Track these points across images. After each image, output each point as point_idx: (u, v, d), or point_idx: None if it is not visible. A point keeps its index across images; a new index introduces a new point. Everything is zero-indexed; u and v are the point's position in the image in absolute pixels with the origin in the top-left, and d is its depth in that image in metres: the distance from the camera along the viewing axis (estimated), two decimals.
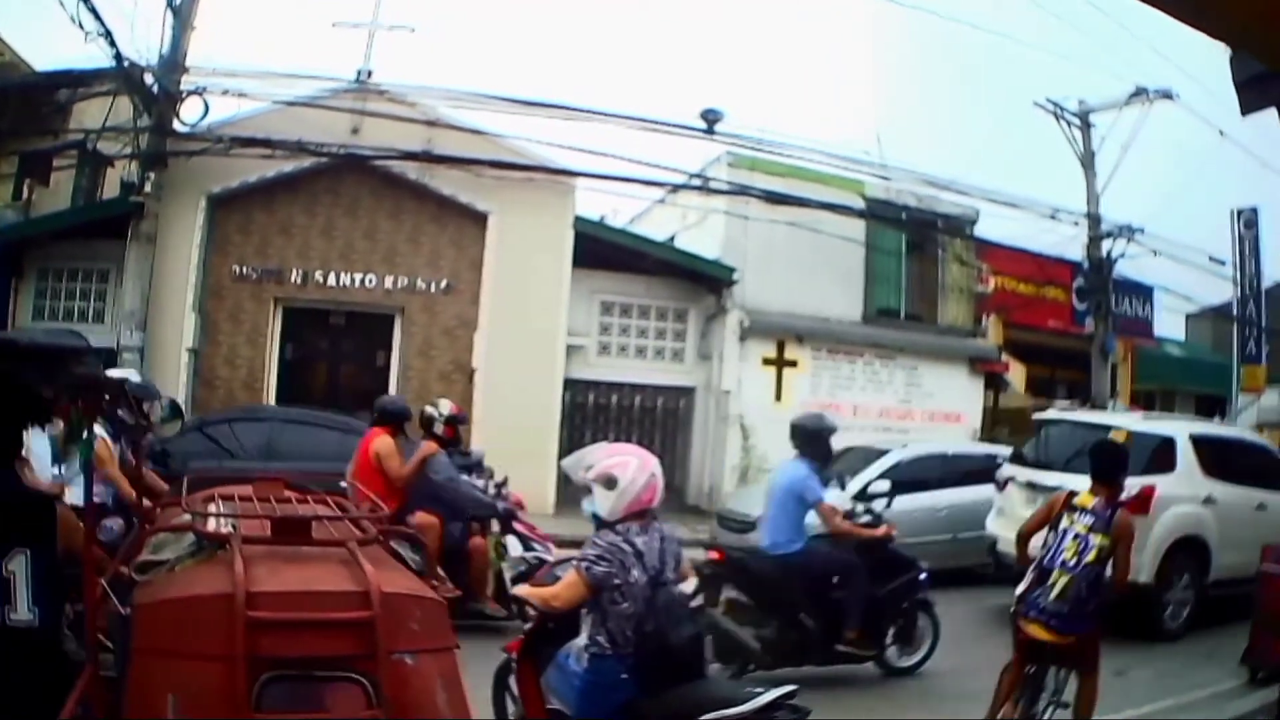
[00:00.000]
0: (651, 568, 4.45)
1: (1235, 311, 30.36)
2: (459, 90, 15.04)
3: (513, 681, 5.11)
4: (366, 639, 2.79)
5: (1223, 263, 27.02)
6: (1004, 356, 22.30)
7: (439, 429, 8.64)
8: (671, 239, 19.79)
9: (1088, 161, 22.07)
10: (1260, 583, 8.62)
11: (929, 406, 19.62)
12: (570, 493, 17.43)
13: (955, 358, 20.74)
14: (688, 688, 4.38)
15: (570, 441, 17.39)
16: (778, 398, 18.68)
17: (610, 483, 4.52)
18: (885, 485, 9.86)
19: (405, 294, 16.13)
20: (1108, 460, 6.21)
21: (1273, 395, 37.04)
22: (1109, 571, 5.79)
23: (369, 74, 15.41)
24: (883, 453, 12.82)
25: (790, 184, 17.69)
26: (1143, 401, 27.99)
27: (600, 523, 4.57)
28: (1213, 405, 31.61)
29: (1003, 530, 10.58)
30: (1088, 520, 5.91)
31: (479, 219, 16.23)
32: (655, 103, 35.40)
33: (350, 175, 15.84)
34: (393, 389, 15.76)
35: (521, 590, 4.81)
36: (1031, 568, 6.05)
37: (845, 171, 18.27)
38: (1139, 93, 21.12)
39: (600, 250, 17.19)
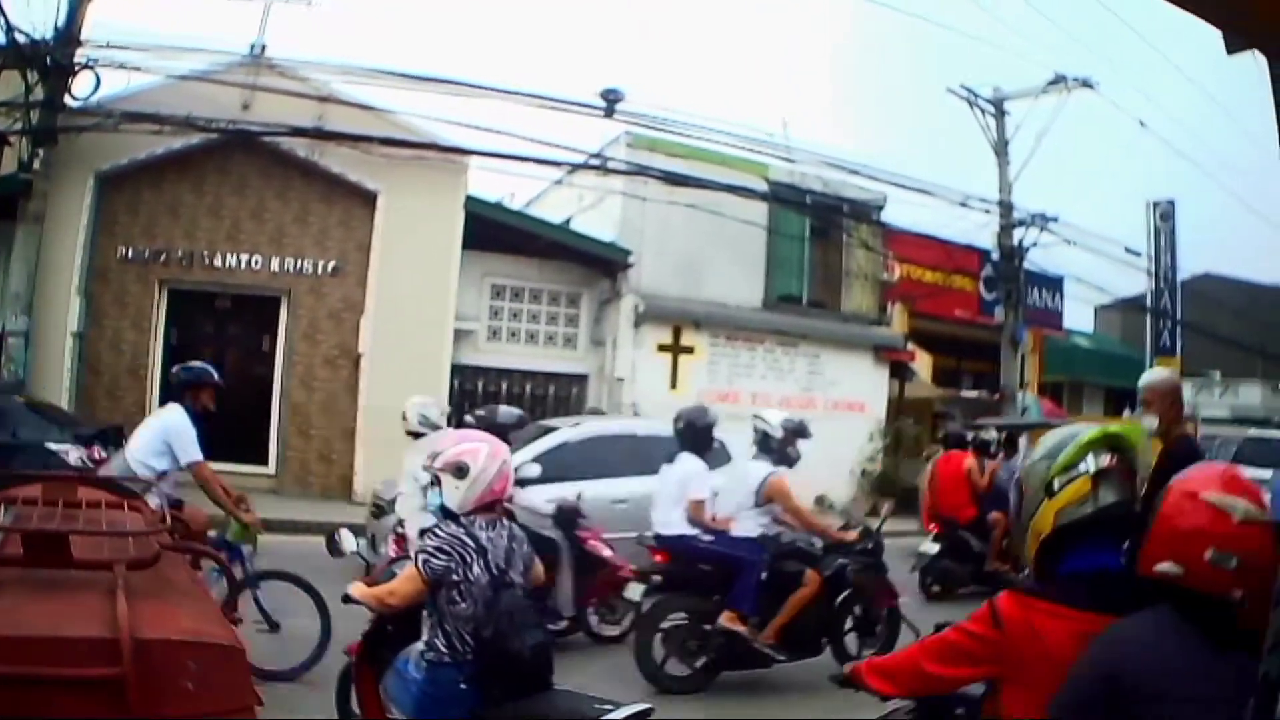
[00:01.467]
0: (495, 566, 4.52)
1: (1149, 303, 32.70)
2: (353, 65, 15.93)
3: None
4: (118, 701, 2.33)
5: (1138, 254, 29.00)
6: (910, 346, 23.91)
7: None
8: (568, 221, 21.00)
9: (1001, 149, 23.76)
10: None
11: (832, 395, 21.15)
12: None
13: (859, 346, 22.30)
14: (533, 700, 4.44)
15: (456, 429, 18.45)
16: (673, 385, 19.94)
17: (460, 471, 4.60)
18: (535, 470, 10.14)
19: (292, 276, 16.99)
20: None
21: (1185, 388, 39.77)
22: None
23: (263, 48, 16.26)
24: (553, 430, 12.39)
25: (691, 165, 18.92)
26: (1050, 393, 30.11)
27: (447, 515, 4.65)
28: (1122, 398, 33.88)
29: None
30: None
31: (368, 198, 17.17)
32: (555, 82, 35.84)
33: (240, 153, 16.63)
34: (277, 375, 16.81)
35: (354, 589, 4.71)
36: None
37: (749, 154, 19.50)
38: (1057, 80, 22.78)
39: (492, 232, 18.32)
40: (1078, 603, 2.59)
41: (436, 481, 4.71)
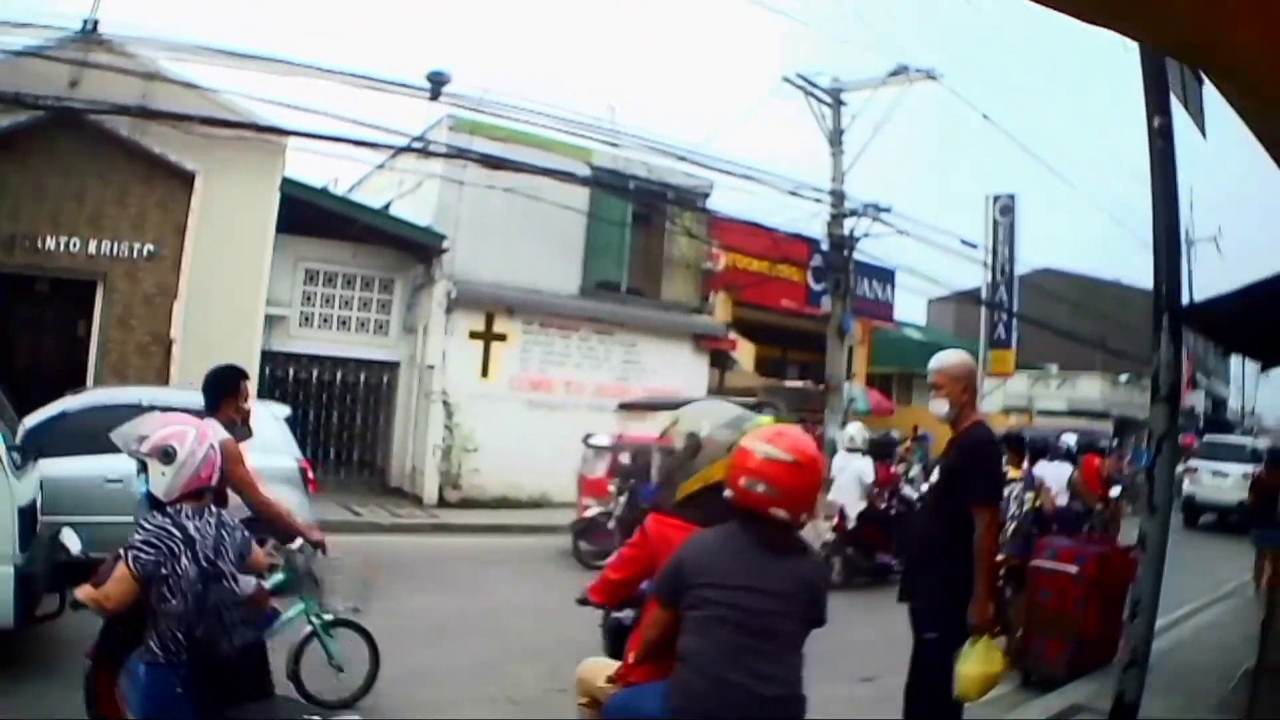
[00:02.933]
0: (204, 558, 4.64)
1: (985, 296, 35.66)
2: (180, 41, 16.95)
3: None
4: None
5: (974, 246, 31.27)
6: (732, 334, 26.11)
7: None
8: (387, 206, 22.72)
9: (835, 139, 26.04)
10: (1031, 579, 10.38)
11: (648, 384, 23.05)
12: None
13: (678, 334, 24.56)
14: (248, 708, 4.69)
15: None
16: (484, 374, 21.86)
17: (167, 456, 4.69)
18: None
19: (109, 260, 17.68)
20: None
21: (1021, 380, 43.14)
22: None
23: (94, 24, 17.14)
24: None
25: (513, 149, 20.59)
26: (879, 384, 32.78)
27: (153, 504, 4.76)
28: None
29: None
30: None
31: (186, 179, 18.02)
32: (382, 64, 37.04)
33: (65, 132, 17.24)
34: (91, 362, 17.83)
35: (80, 591, 4.79)
36: None
37: (574, 138, 21.07)
38: (899, 71, 25.06)
39: (307, 215, 20.04)
40: (709, 520, 4.17)
41: (144, 468, 4.78)
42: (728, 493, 4.07)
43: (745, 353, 27.38)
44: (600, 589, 4.75)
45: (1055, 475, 15.19)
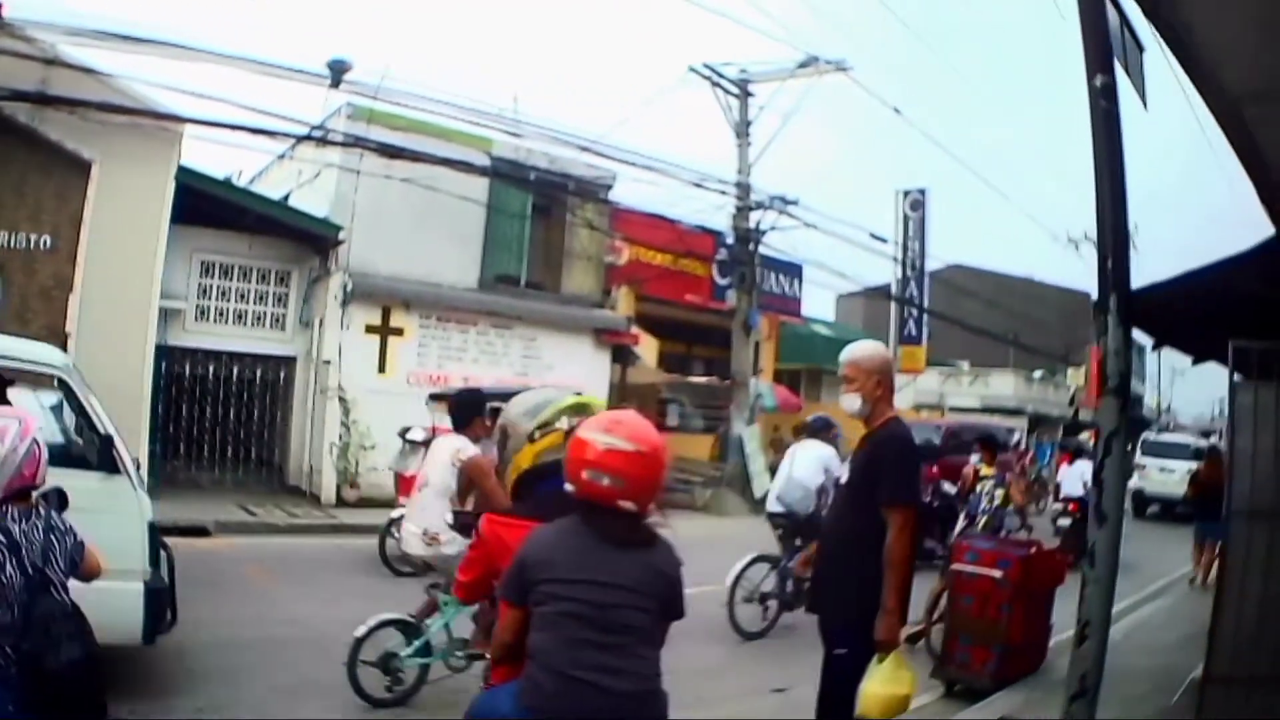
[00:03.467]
0: (31, 564, 4.47)
1: (895, 291, 36.67)
2: (80, 26, 17.02)
3: None
4: None
5: (884, 240, 32.22)
6: (634, 329, 26.70)
7: None
8: (286, 197, 23.22)
9: (742, 130, 26.99)
10: (951, 584, 10.50)
11: (548, 379, 23.16)
12: (169, 472, 20.53)
13: (579, 329, 25.23)
14: None
15: (168, 415, 20.66)
16: (381, 369, 22.36)
17: None
18: None
19: (5, 252, 17.80)
20: None
21: (932, 377, 44.32)
22: None
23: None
24: None
25: (411, 139, 21.04)
26: (787, 380, 33.70)
27: None
28: None
29: None
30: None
31: (83, 168, 18.21)
32: (280, 50, 37.36)
33: None
34: None
35: None
36: None
37: (474, 128, 21.53)
38: (808, 63, 25.91)
39: (203, 205, 20.23)
40: (548, 515, 3.97)
41: None
42: (569, 486, 3.92)
43: (648, 348, 27.96)
44: (458, 589, 4.99)
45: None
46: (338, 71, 19.38)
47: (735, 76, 26.87)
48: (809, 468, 12.73)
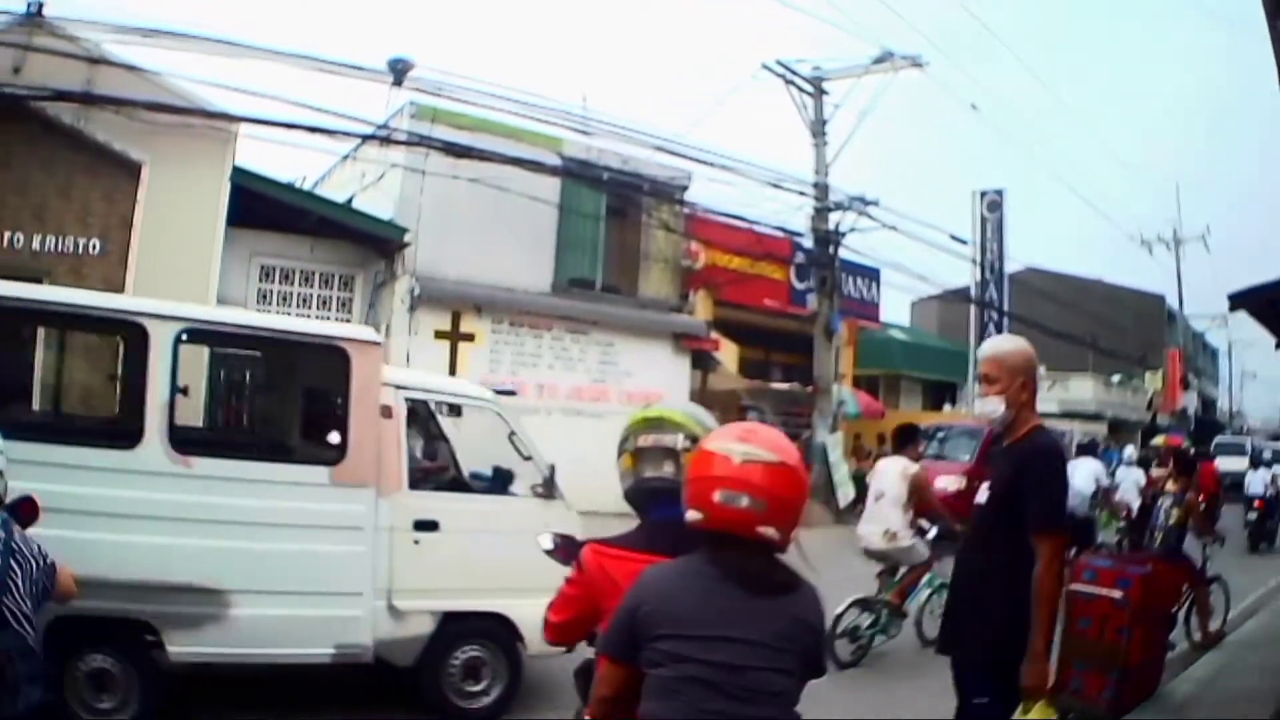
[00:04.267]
0: None
1: (975, 294, 35.14)
2: (125, 23, 16.35)
3: None
4: None
5: (964, 242, 30.72)
6: (714, 334, 25.40)
7: None
8: (350, 201, 21.95)
9: (818, 129, 25.52)
10: (1067, 606, 9.34)
11: (627, 386, 22.41)
12: None
13: (657, 334, 23.85)
14: None
15: (225, 424, 18.89)
16: (452, 375, 20.40)
17: None
18: None
19: (53, 256, 16.95)
20: None
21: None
22: None
23: (40, 6, 16.45)
24: None
25: (478, 138, 19.87)
26: (865, 386, 32.22)
27: None
28: (940, 391, 36.35)
29: None
30: None
31: (132, 170, 17.32)
32: (338, 47, 36.18)
33: (6, 121, 16.55)
34: (38, 364, 16.59)
35: None
36: None
37: (542, 126, 20.32)
38: (883, 59, 24.56)
39: (262, 208, 19.09)
40: (659, 547, 3.32)
41: None
42: (693, 514, 3.11)
43: (728, 354, 26.90)
44: (549, 631, 3.90)
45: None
46: (399, 70, 18.44)
47: (809, 74, 25.47)
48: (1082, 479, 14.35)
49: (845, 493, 24.31)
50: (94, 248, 17.24)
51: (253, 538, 7.41)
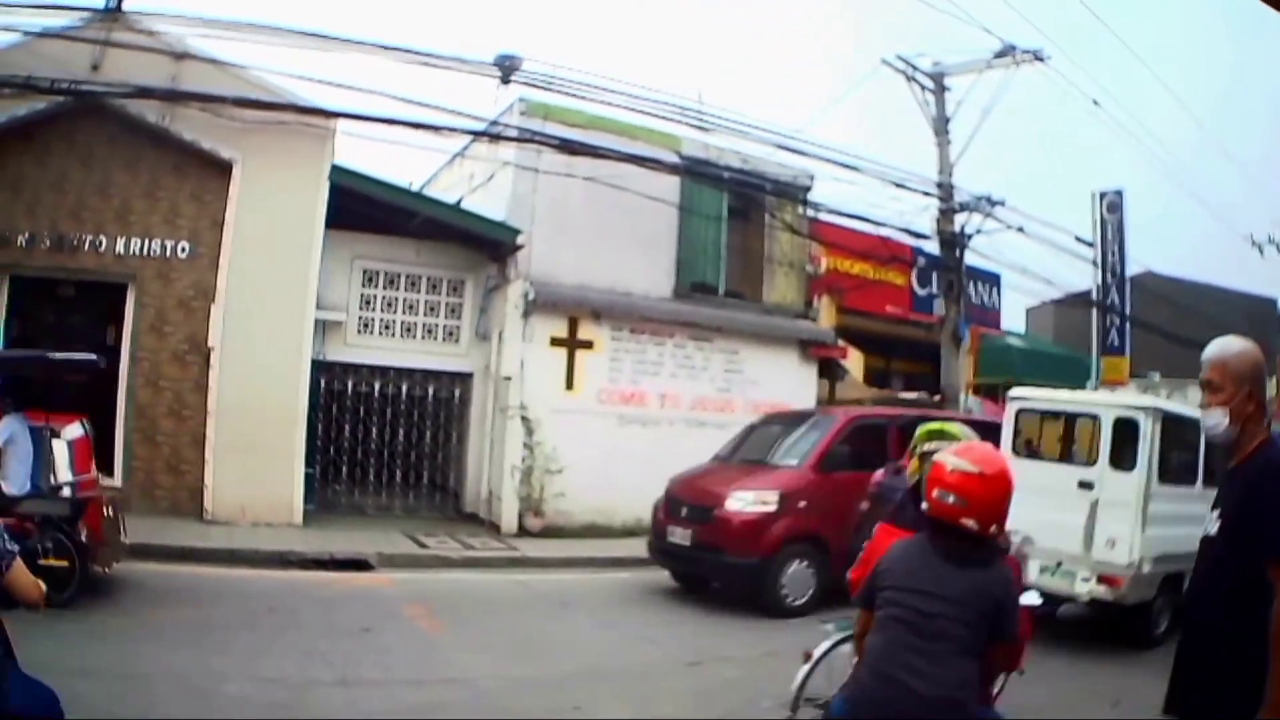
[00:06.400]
0: None
1: (1097, 299, 32.32)
2: (213, 17, 14.85)
3: None
4: None
5: (1089, 244, 28.67)
6: (840, 342, 23.05)
7: None
8: (458, 203, 20.01)
9: (940, 127, 22.86)
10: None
11: (753, 396, 20.02)
12: (329, 498, 18.03)
13: (784, 341, 21.41)
14: None
15: (327, 436, 17.83)
16: (569, 385, 18.88)
17: None
18: None
19: (139, 259, 15.97)
20: None
21: (1130, 390, 39.83)
22: None
23: (119, 1, 15.15)
24: None
25: (592, 136, 17.93)
26: (985, 395, 29.56)
27: None
28: None
29: None
30: None
31: (223, 169, 16.14)
32: (443, 42, 34.71)
33: (88, 120, 15.62)
34: (122, 373, 15.73)
35: None
36: None
37: (657, 122, 18.25)
38: (1005, 52, 21.87)
39: (365, 209, 17.41)
40: (913, 527, 4.84)
41: None
42: (924, 505, 4.28)
43: (854, 362, 24.57)
44: (851, 588, 5.68)
45: None
46: (507, 67, 16.49)
47: (929, 69, 22.64)
48: None
49: None
50: (183, 250, 16.15)
51: None
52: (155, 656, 8.52)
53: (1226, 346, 4.23)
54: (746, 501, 12.83)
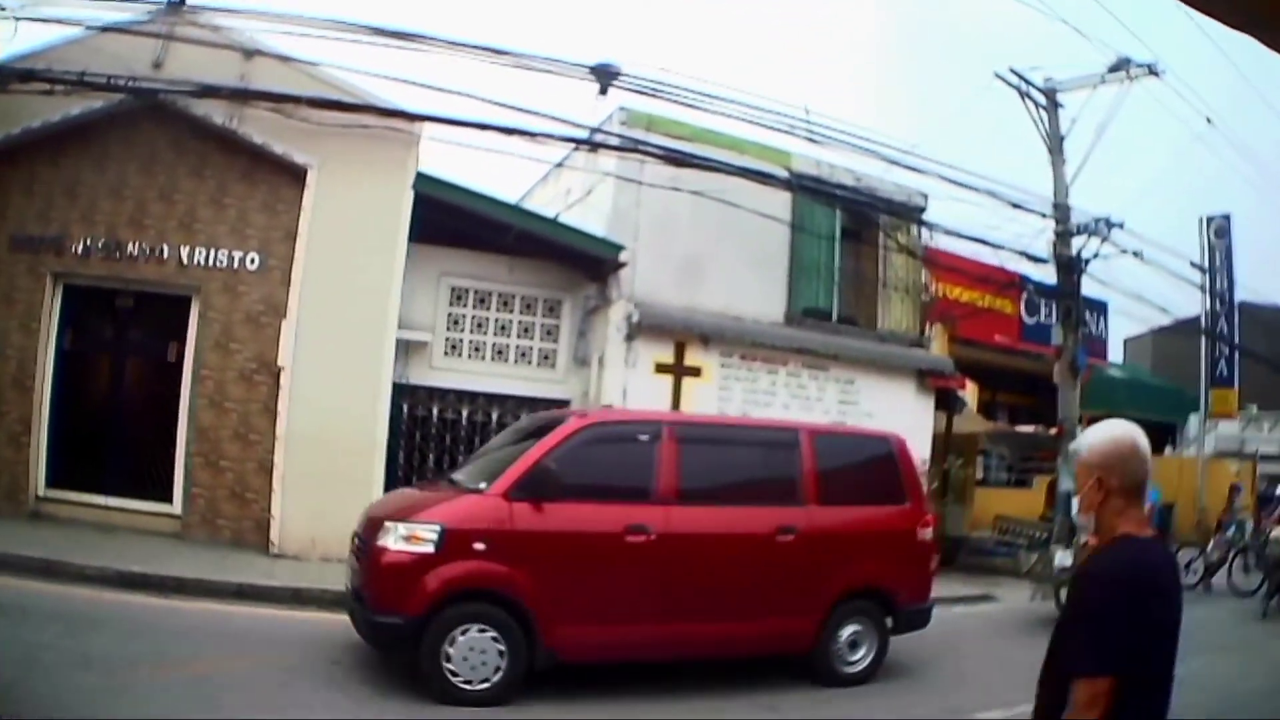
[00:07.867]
0: None
1: (1205, 327, 30.11)
2: (286, 12, 13.72)
3: None
4: None
5: (1203, 269, 26.65)
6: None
7: None
8: (555, 218, 18.32)
9: (1055, 145, 21.03)
10: None
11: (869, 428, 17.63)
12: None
13: (900, 371, 19.65)
14: None
15: (409, 465, 16.13)
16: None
17: None
18: None
19: (204, 270, 14.64)
20: None
21: (1232, 423, 37.50)
22: None
23: None
24: None
25: (698, 149, 16.41)
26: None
27: None
28: (1160, 432, 31.41)
29: None
30: None
31: (297, 175, 14.67)
32: (539, 45, 32.93)
33: (149, 121, 14.43)
34: (184, 392, 14.59)
35: None
36: None
37: (765, 134, 16.58)
38: (1119, 66, 20.11)
39: (453, 222, 15.74)
40: None
41: None
42: None
43: (971, 393, 22.52)
44: None
45: None
46: (606, 77, 15.04)
47: (1042, 85, 20.74)
48: None
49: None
50: (251, 262, 14.70)
51: None
52: None
53: (1082, 438, 4.06)
54: (397, 536, 8.42)
